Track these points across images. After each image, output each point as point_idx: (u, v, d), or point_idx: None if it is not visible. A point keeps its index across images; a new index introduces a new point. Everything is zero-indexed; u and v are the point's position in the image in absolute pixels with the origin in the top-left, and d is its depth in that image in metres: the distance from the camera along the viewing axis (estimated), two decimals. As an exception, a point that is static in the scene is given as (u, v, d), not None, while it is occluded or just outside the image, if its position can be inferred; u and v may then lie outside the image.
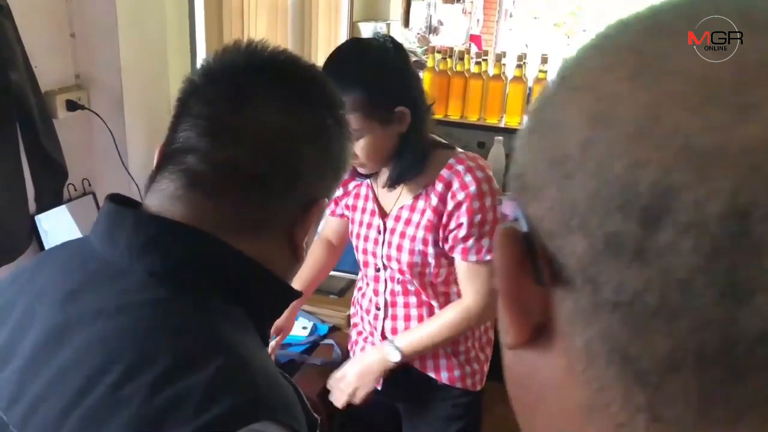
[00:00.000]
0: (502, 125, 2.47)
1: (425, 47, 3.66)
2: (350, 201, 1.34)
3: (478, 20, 5.27)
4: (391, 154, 1.16)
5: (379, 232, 1.26)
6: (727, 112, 0.21)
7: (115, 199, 0.57)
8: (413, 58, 3.43)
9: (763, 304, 0.20)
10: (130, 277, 0.52)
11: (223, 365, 0.48)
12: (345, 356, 1.50)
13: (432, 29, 4.44)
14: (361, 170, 1.19)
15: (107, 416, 0.45)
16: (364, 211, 1.30)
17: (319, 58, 2.60)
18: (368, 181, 1.29)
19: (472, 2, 5.10)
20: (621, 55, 0.25)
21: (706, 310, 0.21)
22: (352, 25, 2.88)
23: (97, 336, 0.49)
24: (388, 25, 3.04)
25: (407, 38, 3.58)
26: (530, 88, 2.40)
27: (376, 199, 1.28)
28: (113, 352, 0.48)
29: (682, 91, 0.22)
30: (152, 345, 0.49)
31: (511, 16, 6.36)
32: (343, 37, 2.84)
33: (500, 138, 2.34)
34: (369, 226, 1.28)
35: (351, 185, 1.33)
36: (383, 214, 1.27)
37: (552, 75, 0.28)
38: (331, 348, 1.56)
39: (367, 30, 2.98)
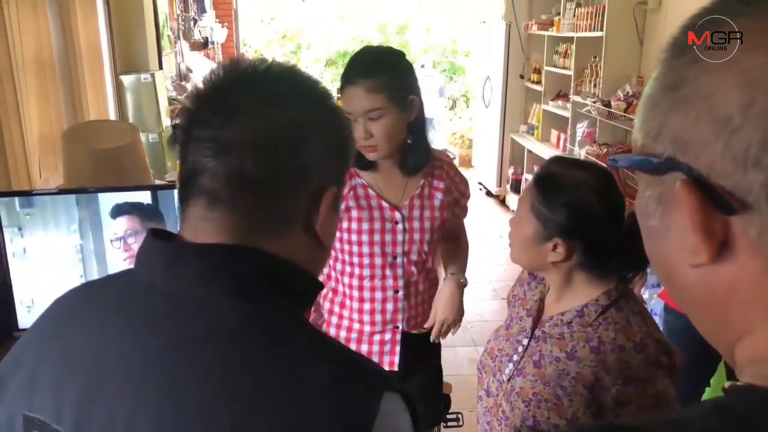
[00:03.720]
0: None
1: (185, 94, 3.87)
2: (349, 203, 1.43)
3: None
4: (403, 140, 1.38)
5: (396, 223, 1.44)
6: None
7: (159, 235, 0.60)
8: (177, 105, 3.62)
9: None
10: (208, 303, 0.55)
11: (330, 363, 0.54)
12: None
13: (183, 76, 4.63)
14: (371, 155, 1.36)
15: None
16: (369, 208, 1.42)
17: (90, 109, 2.67)
18: (362, 181, 1.42)
19: (213, 49, 5.40)
20: (755, 36, 0.32)
21: None
22: (117, 78, 2.98)
23: (208, 365, 0.53)
24: (153, 75, 3.17)
25: (167, 86, 3.73)
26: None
27: (379, 196, 1.43)
28: (225, 382, 0.52)
29: None
30: (262, 369, 0.53)
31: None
32: (109, 88, 2.92)
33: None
34: (382, 219, 1.43)
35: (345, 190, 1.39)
36: (394, 207, 1.44)
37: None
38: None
39: (129, 81, 3.09)
